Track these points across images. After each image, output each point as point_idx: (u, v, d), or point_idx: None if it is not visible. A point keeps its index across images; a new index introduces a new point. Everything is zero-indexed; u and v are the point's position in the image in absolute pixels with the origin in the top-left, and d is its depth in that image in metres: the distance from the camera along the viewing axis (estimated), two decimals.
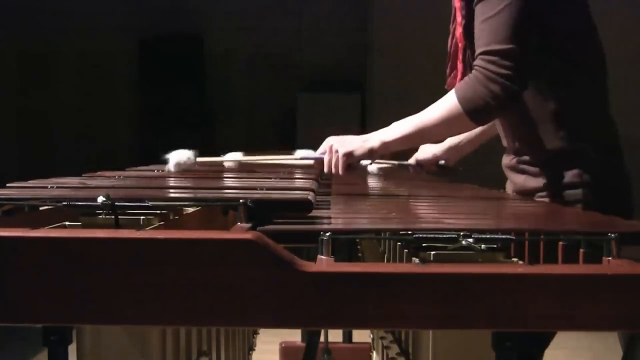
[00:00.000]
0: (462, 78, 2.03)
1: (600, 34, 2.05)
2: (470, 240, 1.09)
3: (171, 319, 1.02)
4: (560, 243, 1.32)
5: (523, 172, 2.05)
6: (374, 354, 2.61)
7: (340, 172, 1.99)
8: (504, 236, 1.15)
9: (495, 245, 1.12)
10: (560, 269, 1.09)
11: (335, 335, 3.72)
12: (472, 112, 1.90)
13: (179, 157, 2.24)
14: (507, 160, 2.12)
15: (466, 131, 2.14)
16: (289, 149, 2.20)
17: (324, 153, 2.04)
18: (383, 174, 2.41)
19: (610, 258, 1.13)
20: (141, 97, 8.90)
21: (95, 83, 8.90)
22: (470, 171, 2.46)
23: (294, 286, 1.00)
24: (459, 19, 2.05)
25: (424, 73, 7.63)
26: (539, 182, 2.01)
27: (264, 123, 8.72)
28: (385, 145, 1.99)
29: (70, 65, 8.88)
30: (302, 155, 2.15)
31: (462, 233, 1.10)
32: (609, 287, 1.01)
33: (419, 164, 2.46)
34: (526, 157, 2.04)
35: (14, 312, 1.01)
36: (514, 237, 1.17)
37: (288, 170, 2.36)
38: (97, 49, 8.78)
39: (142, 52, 8.79)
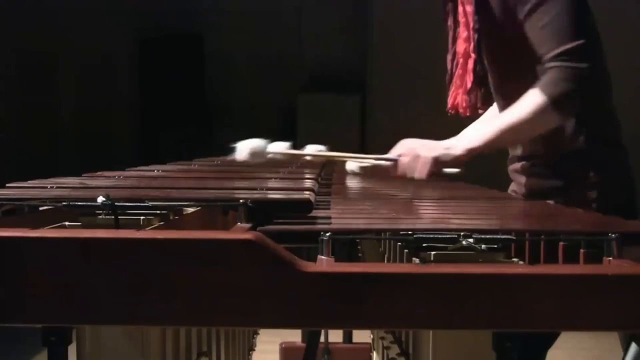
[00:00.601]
0: (473, 93, 2.02)
1: None
2: (471, 240, 1.09)
3: (171, 319, 1.02)
4: (561, 243, 1.32)
5: (534, 173, 2.06)
6: (374, 355, 2.61)
7: (424, 177, 1.97)
8: (504, 236, 1.15)
9: (495, 246, 1.12)
10: (560, 269, 1.08)
11: (335, 336, 3.71)
12: (563, 109, 1.92)
13: (253, 145, 2.19)
14: (515, 162, 2.13)
15: (549, 129, 2.08)
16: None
17: (400, 155, 2.01)
18: (363, 172, 2.36)
19: (610, 258, 1.13)
20: (141, 97, 8.91)
21: (95, 83, 8.90)
22: (468, 171, 2.46)
23: (294, 286, 1.00)
24: (465, 34, 2.04)
25: (424, 73, 7.62)
26: (552, 183, 2.02)
27: (264, 123, 8.71)
28: (471, 151, 1.99)
29: (70, 65, 8.88)
30: (375, 156, 2.11)
31: (462, 233, 1.10)
32: (610, 287, 1.01)
33: None
34: (539, 158, 2.05)
35: (13, 312, 1.01)
36: (514, 237, 1.16)
37: (288, 170, 2.35)
38: (97, 49, 8.78)
39: (142, 52, 8.79)
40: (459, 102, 2.08)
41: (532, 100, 1.94)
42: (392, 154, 2.03)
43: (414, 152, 1.99)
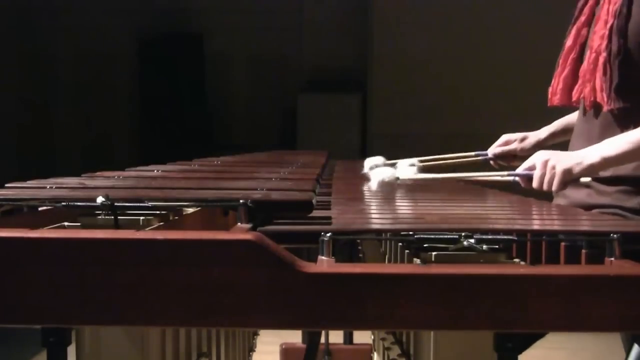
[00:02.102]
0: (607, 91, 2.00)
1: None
2: (472, 240, 1.09)
3: (171, 320, 1.01)
4: (562, 244, 1.31)
5: (588, 186, 2.05)
6: (375, 356, 2.61)
7: (556, 189, 1.94)
8: (505, 237, 1.15)
9: (497, 246, 1.12)
10: (562, 269, 1.08)
11: (335, 337, 3.71)
12: None
13: (382, 175, 2.16)
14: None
15: None
16: (290, 149, 2.18)
17: (532, 168, 1.98)
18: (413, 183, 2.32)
19: (612, 259, 1.12)
20: (141, 97, 8.91)
21: (95, 83, 8.90)
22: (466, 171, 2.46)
23: (294, 287, 0.99)
24: (602, 32, 2.03)
25: (424, 73, 7.63)
26: (603, 199, 2.01)
27: (264, 123, 8.73)
28: (605, 161, 1.93)
29: (70, 65, 8.88)
30: (509, 172, 2.05)
31: (463, 234, 1.10)
32: (611, 287, 1.00)
33: (498, 155, 2.44)
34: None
35: (12, 313, 1.01)
36: (515, 238, 1.16)
37: (289, 171, 2.35)
38: (97, 49, 8.78)
39: (142, 52, 8.80)
40: (585, 96, 2.06)
41: None
42: (524, 166, 2.00)
43: (548, 164, 1.95)
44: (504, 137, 2.44)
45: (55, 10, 8.68)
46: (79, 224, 1.26)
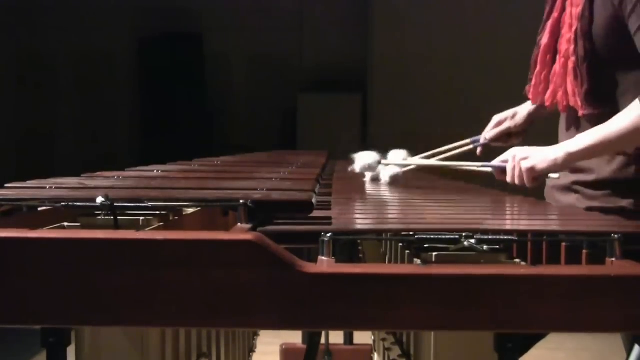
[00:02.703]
0: (581, 95, 2.00)
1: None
2: (473, 241, 1.09)
3: (171, 320, 1.01)
4: (563, 244, 1.31)
5: (576, 192, 2.05)
6: (376, 356, 2.60)
7: (527, 184, 1.98)
8: (506, 237, 1.15)
9: (497, 246, 1.12)
10: (563, 270, 1.08)
11: (336, 337, 3.71)
12: None
13: (365, 159, 2.20)
14: (556, 180, 2.12)
15: None
16: (290, 149, 2.18)
17: (505, 162, 2.02)
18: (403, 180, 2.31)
19: (613, 259, 1.12)
20: (141, 96, 8.91)
21: (94, 83, 8.90)
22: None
23: (294, 287, 0.99)
24: (568, 35, 2.02)
25: (424, 72, 7.63)
26: (592, 203, 2.01)
27: (264, 123, 8.72)
28: (570, 156, 1.96)
29: (69, 64, 8.88)
30: (482, 164, 2.11)
31: (464, 234, 1.10)
32: (612, 288, 1.00)
33: (494, 138, 2.45)
34: (584, 178, 2.04)
35: (12, 313, 1.00)
36: (516, 238, 1.16)
37: (289, 171, 2.35)
38: (97, 48, 8.78)
39: (142, 51, 8.79)
40: (558, 100, 2.06)
41: (636, 109, 1.89)
42: (500, 159, 2.05)
43: (516, 158, 2.00)
44: (495, 118, 2.43)
45: (55, 10, 8.67)
46: (78, 224, 1.26)
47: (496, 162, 2.06)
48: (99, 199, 1.22)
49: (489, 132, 2.44)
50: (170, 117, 8.66)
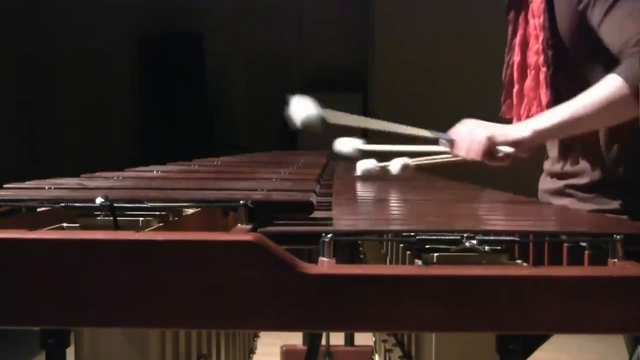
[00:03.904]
0: (552, 104, 1.95)
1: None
2: (474, 241, 1.08)
3: (170, 321, 1.01)
4: (565, 245, 1.30)
5: (569, 195, 2.04)
6: (376, 357, 2.59)
7: (477, 157, 1.87)
8: (507, 238, 1.14)
9: (499, 247, 1.11)
10: (565, 271, 1.08)
11: (336, 338, 3.71)
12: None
13: (365, 165, 2.18)
14: (549, 183, 2.11)
15: (627, 118, 1.95)
16: (290, 149, 2.17)
17: (456, 133, 1.92)
18: (404, 174, 2.26)
19: (615, 260, 1.12)
20: (140, 96, 8.91)
21: (94, 82, 8.90)
22: (472, 172, 2.45)
23: (295, 288, 0.99)
24: (535, 46, 2.00)
25: (425, 72, 7.63)
26: (586, 206, 2.00)
27: (264, 123, 8.72)
28: (537, 134, 1.87)
29: (69, 64, 8.88)
30: (433, 133, 2.00)
31: (465, 234, 1.10)
32: (615, 289, 1.00)
33: None
34: (576, 181, 2.03)
35: (11, 314, 1.00)
36: (518, 239, 1.16)
37: (289, 171, 2.34)
38: (97, 48, 8.79)
39: (142, 51, 8.79)
40: (533, 113, 2.01)
41: (608, 83, 1.82)
42: (453, 131, 1.94)
43: (470, 131, 1.90)
44: None
45: (55, 10, 8.68)
46: (77, 225, 1.25)
47: (448, 132, 1.94)
48: (99, 200, 1.21)
49: None
50: (170, 117, 8.66)
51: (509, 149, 1.90)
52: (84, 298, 0.99)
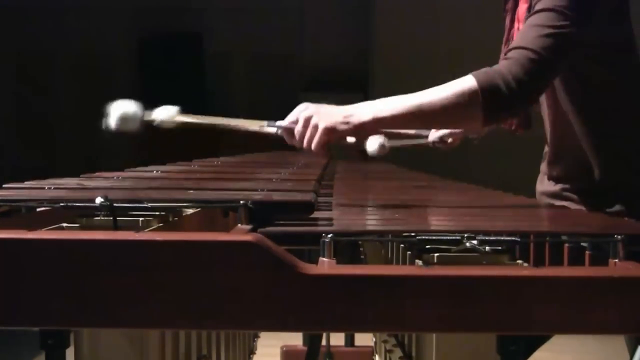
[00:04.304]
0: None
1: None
2: (475, 242, 1.08)
3: (170, 322, 1.01)
4: (566, 245, 1.30)
5: (566, 199, 2.04)
6: (377, 358, 2.59)
7: (314, 149, 1.68)
8: (508, 238, 1.14)
9: (499, 248, 1.11)
10: (565, 271, 1.08)
11: (337, 339, 3.70)
12: (489, 95, 1.69)
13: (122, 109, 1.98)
14: (546, 185, 2.11)
15: (470, 125, 1.90)
16: (291, 150, 2.15)
17: (294, 122, 1.74)
18: (383, 155, 2.21)
19: (616, 260, 1.11)
20: (140, 96, 8.89)
21: (94, 82, 8.89)
22: (471, 172, 2.45)
23: (295, 289, 0.99)
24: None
25: (425, 72, 7.62)
26: (584, 209, 2.00)
27: None
28: (378, 121, 1.70)
29: (69, 64, 8.88)
30: (269, 124, 1.83)
31: (466, 235, 1.09)
32: (616, 289, 1.00)
33: (440, 139, 2.42)
34: (572, 185, 2.03)
35: (10, 315, 1.00)
36: (519, 239, 1.15)
37: (290, 171, 2.34)
38: (96, 48, 8.78)
39: (142, 51, 8.79)
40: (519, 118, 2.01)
41: (459, 82, 1.73)
42: (288, 119, 1.77)
43: (308, 119, 1.70)
44: None
45: (55, 10, 8.67)
46: (77, 225, 1.25)
47: (284, 122, 1.78)
48: (98, 200, 1.21)
49: (433, 135, 2.44)
50: None
51: (352, 139, 1.76)
52: (84, 298, 0.99)
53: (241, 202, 1.30)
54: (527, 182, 2.37)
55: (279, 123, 1.77)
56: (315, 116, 1.70)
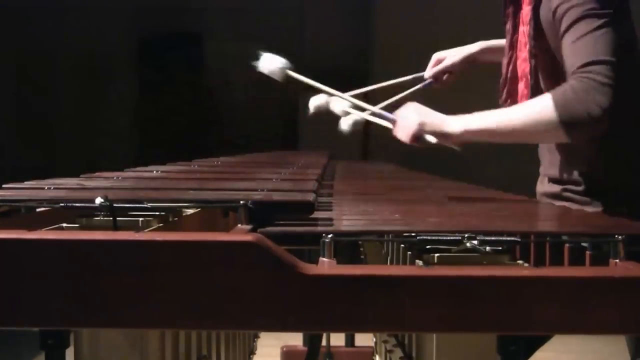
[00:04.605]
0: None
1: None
2: (475, 242, 1.08)
3: (170, 322, 1.01)
4: (567, 245, 1.30)
5: (567, 199, 2.03)
6: (377, 358, 2.59)
7: (407, 140, 1.90)
8: (509, 238, 1.14)
9: (500, 248, 1.11)
10: (566, 271, 1.08)
11: (337, 339, 3.70)
12: (569, 121, 1.78)
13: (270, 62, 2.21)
14: (547, 187, 2.10)
15: (552, 142, 2.00)
16: (291, 149, 2.16)
17: (397, 116, 1.95)
18: (354, 128, 2.24)
19: (617, 260, 1.11)
20: (140, 96, 8.91)
21: (94, 82, 8.90)
22: (471, 172, 2.44)
23: (295, 289, 0.98)
24: (523, 54, 2.00)
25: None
26: (586, 209, 2.00)
27: (265, 123, 8.72)
28: (468, 133, 1.87)
29: (69, 64, 8.88)
30: (377, 111, 2.06)
31: (466, 235, 1.09)
32: (616, 289, 0.99)
33: (435, 76, 2.42)
34: (573, 188, 2.03)
35: (10, 315, 1.00)
36: (519, 239, 1.15)
37: (290, 171, 2.34)
38: (96, 48, 8.78)
39: (142, 51, 8.79)
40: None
41: (540, 103, 1.83)
42: (395, 112, 1.97)
43: (407, 114, 1.91)
44: (435, 56, 2.43)
45: (55, 10, 8.67)
46: (77, 225, 1.25)
47: (393, 114, 1.98)
48: (98, 200, 1.21)
49: (429, 71, 2.44)
50: (170, 117, 8.65)
51: (435, 140, 1.91)
52: (84, 299, 0.99)
53: (241, 202, 1.30)
54: (527, 183, 2.37)
55: (386, 114, 1.99)
56: (413, 112, 1.90)
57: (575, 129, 1.80)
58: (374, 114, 2.09)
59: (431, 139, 1.89)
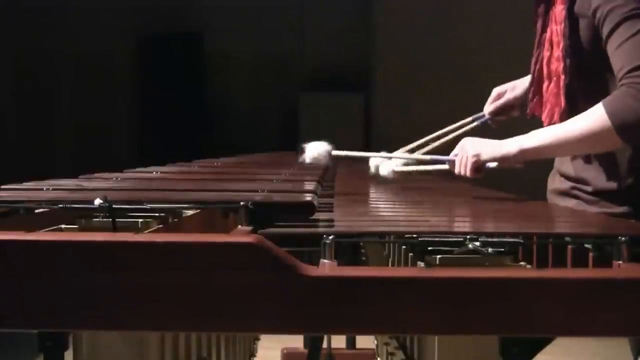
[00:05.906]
0: (566, 114, 1.97)
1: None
2: (477, 243, 1.08)
3: (170, 324, 1.00)
4: (569, 246, 1.30)
5: (576, 197, 2.03)
6: None
7: (468, 174, 1.95)
8: (511, 239, 1.13)
9: (502, 249, 1.10)
10: (569, 273, 1.07)
11: (338, 341, 3.69)
12: (622, 127, 1.82)
13: (314, 149, 2.19)
14: (557, 183, 2.10)
15: (609, 149, 2.00)
16: (291, 150, 2.17)
17: (455, 155, 1.99)
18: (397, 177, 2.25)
19: (620, 262, 1.11)
20: (140, 96, 8.91)
21: (94, 82, 8.90)
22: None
23: (296, 290, 0.98)
24: (557, 53, 1.99)
25: (428, 72, 7.62)
26: (591, 208, 1.99)
27: (265, 123, 8.72)
28: (523, 152, 1.92)
29: (69, 64, 8.89)
30: (431, 157, 2.12)
31: (468, 236, 1.09)
32: (619, 291, 0.99)
33: (496, 111, 2.41)
34: (582, 187, 2.02)
35: (8, 317, 0.99)
36: (521, 241, 1.15)
37: (290, 172, 2.33)
38: (96, 48, 8.79)
39: (142, 51, 8.80)
40: (556, 120, 2.02)
41: (593, 114, 1.86)
42: (453, 152, 2.02)
43: (464, 148, 1.97)
44: (495, 91, 2.41)
45: (55, 10, 8.68)
46: (76, 226, 1.24)
47: (451, 155, 2.02)
48: (97, 201, 1.20)
49: (489, 107, 2.42)
50: (170, 117, 8.66)
51: (495, 165, 1.96)
52: (83, 301, 0.98)
53: (241, 203, 1.29)
54: (527, 182, 2.37)
55: (443, 157, 2.04)
56: (467, 146, 1.96)
57: (629, 133, 1.83)
58: (427, 162, 2.14)
59: (491, 164, 1.95)
